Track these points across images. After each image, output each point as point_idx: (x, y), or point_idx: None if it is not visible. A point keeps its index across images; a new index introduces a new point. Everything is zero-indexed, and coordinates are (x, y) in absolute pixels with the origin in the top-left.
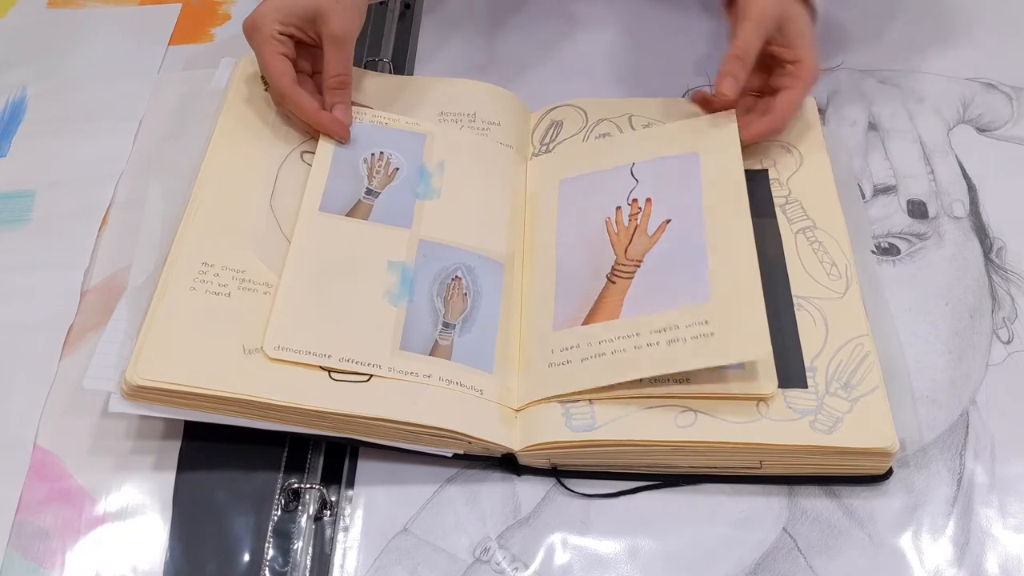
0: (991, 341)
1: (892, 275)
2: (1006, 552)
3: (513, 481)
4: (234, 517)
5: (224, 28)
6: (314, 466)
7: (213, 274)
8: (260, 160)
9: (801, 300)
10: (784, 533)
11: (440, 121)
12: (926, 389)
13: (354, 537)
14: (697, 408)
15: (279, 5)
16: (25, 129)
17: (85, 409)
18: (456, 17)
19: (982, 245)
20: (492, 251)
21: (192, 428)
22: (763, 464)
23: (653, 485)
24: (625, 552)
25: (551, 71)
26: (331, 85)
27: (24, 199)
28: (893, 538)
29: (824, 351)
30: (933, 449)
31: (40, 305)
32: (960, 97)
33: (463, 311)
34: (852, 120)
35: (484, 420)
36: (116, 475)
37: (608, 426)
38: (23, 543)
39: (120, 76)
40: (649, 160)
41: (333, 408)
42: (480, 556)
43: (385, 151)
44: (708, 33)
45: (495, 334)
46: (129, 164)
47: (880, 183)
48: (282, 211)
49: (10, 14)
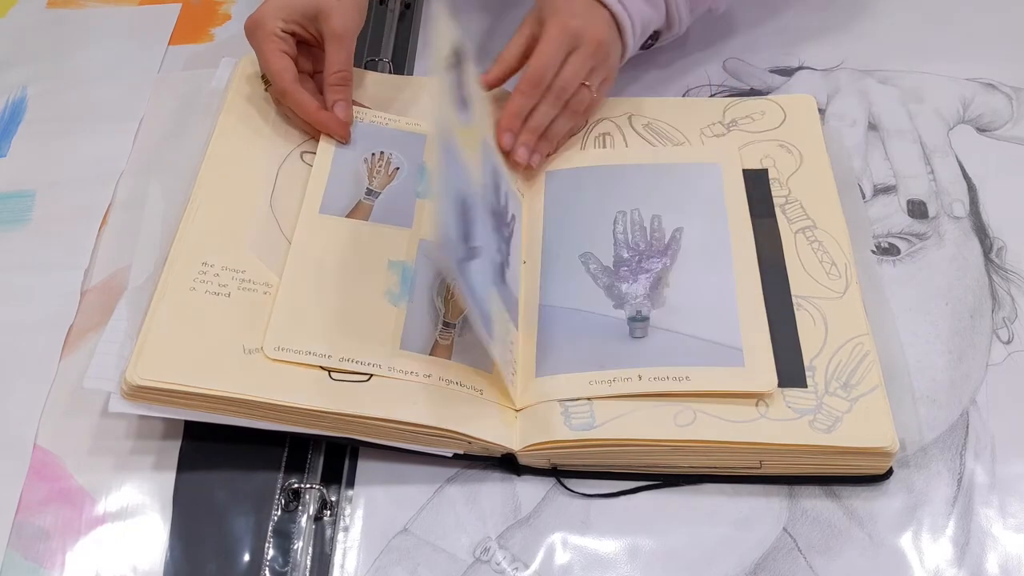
0: (991, 341)
1: (892, 275)
2: (1006, 552)
3: (513, 481)
4: (234, 517)
5: (224, 28)
6: (314, 466)
7: (213, 274)
8: (260, 160)
9: (801, 300)
10: (784, 533)
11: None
12: (926, 389)
13: (354, 537)
14: (696, 407)
15: (281, 4)
16: (25, 129)
17: (85, 409)
18: (456, 17)
19: (982, 245)
20: None
21: (192, 428)
22: (763, 464)
23: (653, 485)
24: (625, 552)
25: None
26: (332, 82)
27: (24, 199)
28: (893, 538)
29: (824, 351)
30: (933, 449)
31: (40, 305)
32: (960, 97)
33: (463, 311)
34: (852, 120)
35: (484, 420)
36: (116, 475)
37: (607, 425)
38: (23, 543)
39: (120, 76)
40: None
41: (333, 408)
42: (480, 556)
43: (385, 151)
44: (709, 33)
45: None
46: (129, 164)
47: (880, 183)
48: (282, 211)
49: (10, 14)
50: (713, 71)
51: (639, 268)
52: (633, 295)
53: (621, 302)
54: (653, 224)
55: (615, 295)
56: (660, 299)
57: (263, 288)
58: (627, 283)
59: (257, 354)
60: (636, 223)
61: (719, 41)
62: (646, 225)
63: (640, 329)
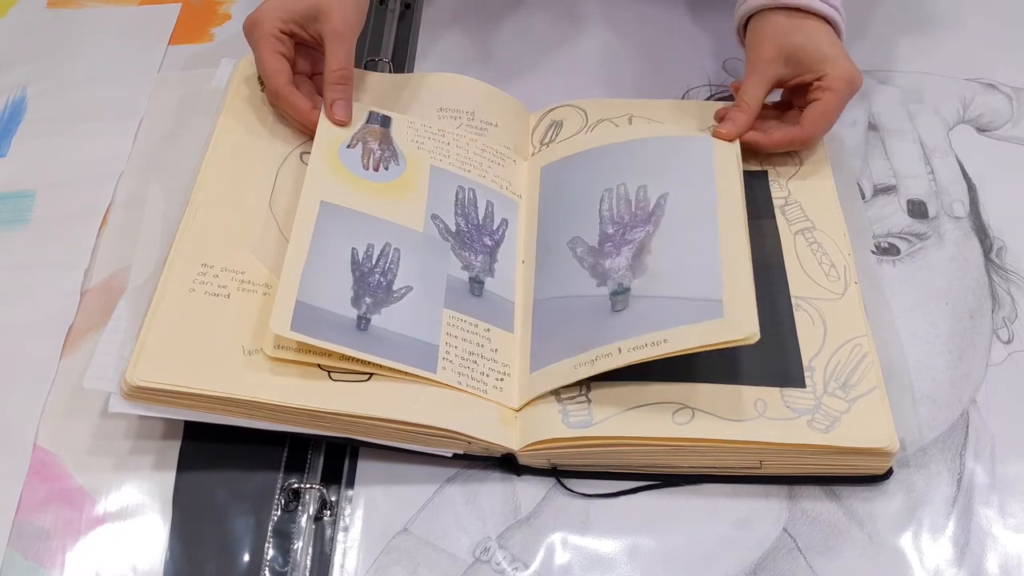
0: (991, 341)
1: (892, 275)
2: (1006, 552)
3: (513, 481)
4: (234, 517)
5: (224, 28)
6: (314, 466)
7: (212, 275)
8: (259, 161)
9: (800, 300)
10: (784, 533)
11: (439, 118)
12: (926, 389)
13: (354, 537)
14: (694, 405)
15: (280, 4)
16: (25, 129)
17: (85, 409)
18: (456, 17)
19: (982, 245)
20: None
21: (192, 428)
22: (763, 464)
23: (653, 485)
24: (625, 552)
25: (551, 71)
26: (332, 80)
27: (24, 199)
28: (893, 538)
29: (822, 351)
30: (933, 449)
31: (40, 305)
32: (960, 97)
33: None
34: (852, 120)
35: (483, 420)
36: (116, 475)
37: (605, 423)
38: (23, 543)
39: (120, 76)
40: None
41: (333, 408)
42: (480, 556)
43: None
44: (709, 33)
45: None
46: (129, 164)
47: (880, 183)
48: (281, 212)
49: (10, 14)
50: (713, 71)
51: (622, 241)
52: (615, 269)
53: (604, 279)
54: (639, 195)
55: (599, 273)
56: (642, 268)
57: (263, 289)
58: (611, 258)
59: (257, 355)
60: (622, 197)
61: (719, 41)
62: (631, 198)
63: (620, 302)
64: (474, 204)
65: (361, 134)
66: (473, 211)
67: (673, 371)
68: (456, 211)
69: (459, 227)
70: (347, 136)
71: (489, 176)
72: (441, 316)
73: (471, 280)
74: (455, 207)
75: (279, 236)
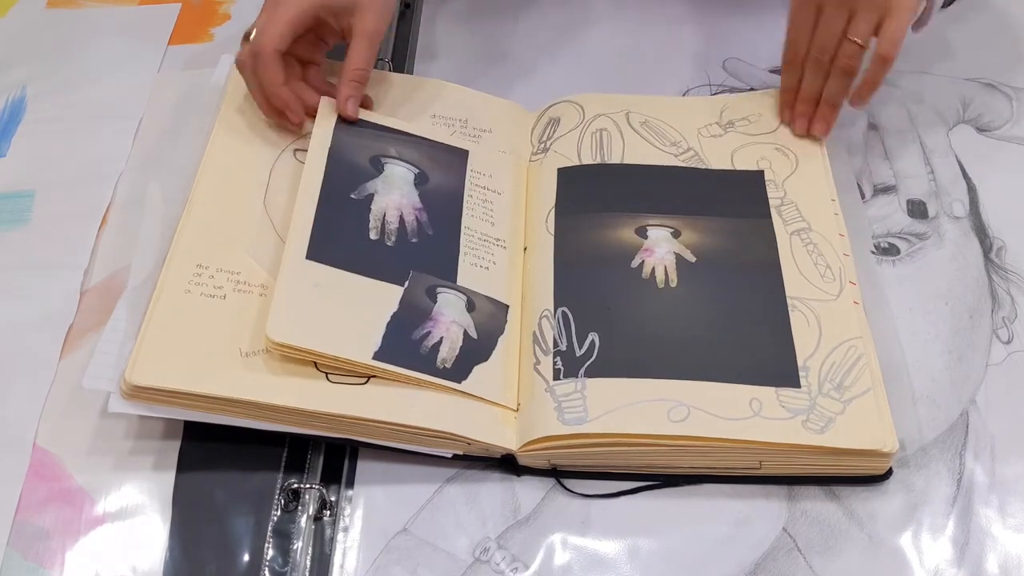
0: (991, 341)
1: (892, 275)
2: (1006, 552)
3: (513, 481)
4: (234, 517)
5: (224, 28)
6: (314, 466)
7: (208, 276)
8: (254, 160)
9: (795, 301)
10: (784, 533)
11: (432, 124)
12: (926, 389)
13: (354, 537)
14: (690, 403)
15: None
16: (25, 129)
17: (85, 409)
18: (456, 16)
19: (982, 245)
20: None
21: (192, 428)
22: (762, 465)
23: (653, 485)
24: (625, 552)
25: (551, 70)
26: (351, 77)
27: (24, 199)
28: (893, 538)
29: (817, 352)
30: (933, 449)
31: (40, 305)
32: (960, 97)
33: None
34: (852, 120)
35: (482, 421)
36: (116, 475)
37: (600, 419)
38: (23, 543)
39: (119, 76)
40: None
41: (331, 410)
42: (480, 556)
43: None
44: (710, 33)
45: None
46: (128, 164)
47: (880, 183)
48: (276, 211)
49: (10, 14)
50: (713, 71)
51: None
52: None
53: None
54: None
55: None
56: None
57: (259, 290)
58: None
59: (254, 356)
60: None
61: (719, 41)
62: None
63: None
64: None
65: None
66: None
67: (669, 369)
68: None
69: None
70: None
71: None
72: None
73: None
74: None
75: (274, 235)
